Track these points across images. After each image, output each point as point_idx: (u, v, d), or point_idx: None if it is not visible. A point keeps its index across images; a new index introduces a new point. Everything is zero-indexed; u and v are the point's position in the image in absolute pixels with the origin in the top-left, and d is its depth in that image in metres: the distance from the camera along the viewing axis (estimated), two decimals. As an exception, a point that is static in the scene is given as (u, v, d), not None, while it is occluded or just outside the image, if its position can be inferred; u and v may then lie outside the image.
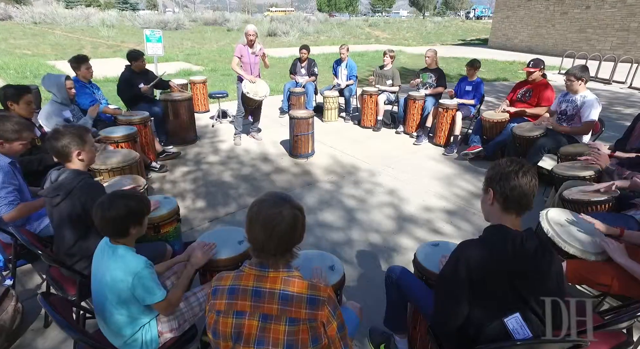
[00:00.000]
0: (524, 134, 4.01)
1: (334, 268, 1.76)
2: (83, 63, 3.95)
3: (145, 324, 1.55)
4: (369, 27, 31.30)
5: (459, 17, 51.64)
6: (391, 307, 1.93)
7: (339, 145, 5.39)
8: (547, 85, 4.55)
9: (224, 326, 1.14)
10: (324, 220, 3.43)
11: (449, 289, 1.43)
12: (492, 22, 23.39)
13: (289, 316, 1.12)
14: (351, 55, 7.64)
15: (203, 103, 6.85)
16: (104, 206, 1.50)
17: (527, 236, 1.36)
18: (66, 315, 1.40)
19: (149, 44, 6.23)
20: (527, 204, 1.40)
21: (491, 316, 1.36)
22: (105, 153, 3.11)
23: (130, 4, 43.09)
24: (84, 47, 14.11)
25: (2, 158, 2.20)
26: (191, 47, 16.45)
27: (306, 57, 6.70)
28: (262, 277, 1.15)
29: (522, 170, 1.36)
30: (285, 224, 1.13)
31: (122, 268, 1.45)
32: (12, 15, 23.01)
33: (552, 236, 2.09)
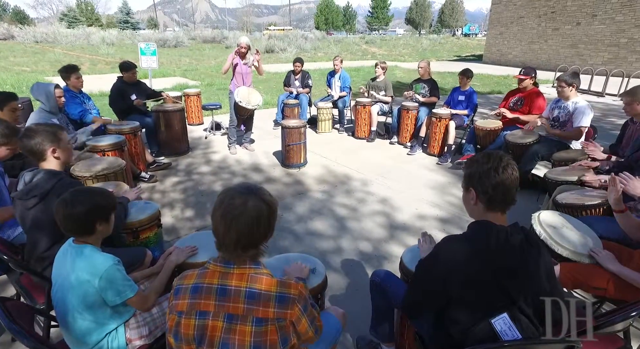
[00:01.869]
0: (517, 141, 3.97)
1: (315, 271, 1.67)
2: (73, 72, 3.95)
3: (112, 331, 1.46)
4: (366, 43, 31.81)
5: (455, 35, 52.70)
6: (377, 313, 1.84)
7: (332, 155, 5.34)
8: (539, 93, 4.55)
9: (186, 328, 1.05)
10: (314, 228, 3.35)
11: (422, 278, 1.40)
12: (486, 39, 23.83)
13: (256, 316, 1.03)
14: (347, 70, 7.69)
15: (197, 116, 6.84)
16: (67, 201, 1.42)
17: (512, 230, 1.29)
18: (23, 322, 1.31)
19: (143, 57, 6.27)
20: (512, 199, 1.34)
21: (478, 317, 1.28)
22: (90, 160, 3.05)
23: (132, 23, 43.96)
24: (83, 64, 14.25)
25: None
26: (189, 64, 16.65)
27: (300, 70, 6.74)
28: (227, 274, 1.07)
29: (501, 166, 1.29)
30: (247, 217, 1.04)
31: (87, 269, 1.36)
32: (14, 35, 23.33)
33: (545, 239, 2.02)
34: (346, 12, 66.30)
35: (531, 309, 1.27)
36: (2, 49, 18.28)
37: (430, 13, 68.48)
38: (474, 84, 12.80)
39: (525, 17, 20.21)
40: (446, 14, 64.98)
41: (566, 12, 17.85)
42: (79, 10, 46.79)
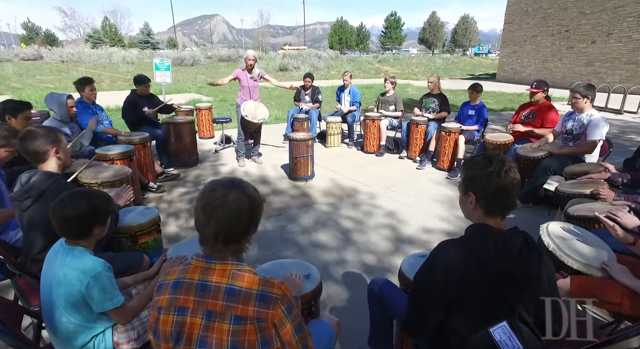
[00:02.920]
0: (528, 155, 3.88)
1: (309, 277, 1.62)
2: (87, 85, 4.07)
3: (99, 334, 1.42)
4: (379, 62, 32.20)
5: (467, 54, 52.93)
6: (375, 324, 1.76)
7: (340, 169, 5.32)
8: (551, 107, 4.46)
9: (164, 324, 1.01)
10: (318, 240, 3.29)
11: (421, 290, 1.30)
12: (499, 57, 23.86)
13: (234, 314, 0.99)
14: (359, 87, 7.76)
15: (208, 129, 6.94)
16: (64, 203, 1.42)
17: (511, 234, 1.22)
18: (8, 320, 1.29)
19: (157, 72, 6.45)
20: (513, 204, 1.28)
21: (475, 326, 1.20)
22: (98, 168, 3.10)
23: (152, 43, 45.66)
24: (103, 81, 14.81)
25: None
26: (204, 81, 17.09)
27: (310, 85, 6.82)
28: (208, 270, 1.04)
29: (503, 170, 1.22)
30: (227, 209, 1.01)
31: (76, 268, 1.35)
32: (43, 56, 24.53)
33: (554, 250, 1.92)
34: (360, 32, 67.49)
35: (532, 318, 1.19)
36: (31, 68, 19.21)
37: (444, 33, 69.18)
38: (487, 101, 12.76)
39: (539, 36, 20.21)
40: (459, 34, 65.47)
41: (580, 31, 17.78)
42: (104, 31, 49.00)
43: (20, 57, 23.73)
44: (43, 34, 54.33)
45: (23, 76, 16.82)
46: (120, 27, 54.54)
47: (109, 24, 51.42)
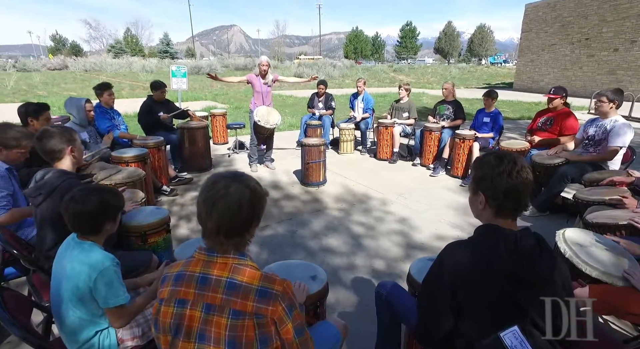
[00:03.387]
0: (544, 162, 3.77)
1: (315, 278, 1.60)
2: (106, 90, 4.18)
3: (104, 330, 1.42)
4: (393, 71, 32.19)
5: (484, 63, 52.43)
6: (382, 329, 1.71)
7: (352, 175, 5.28)
8: (570, 113, 4.34)
9: (164, 316, 1.00)
10: (328, 244, 3.26)
11: (431, 295, 1.25)
12: (517, 66, 23.55)
13: (233, 308, 0.97)
14: (374, 96, 7.74)
15: (222, 135, 7.03)
16: (77, 199, 1.45)
17: (522, 235, 1.17)
18: (18, 313, 1.31)
19: (174, 79, 6.59)
20: (524, 205, 1.23)
21: (485, 330, 1.15)
22: (112, 169, 3.15)
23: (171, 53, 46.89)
24: (123, 89, 15.24)
25: (0, 164, 2.25)
26: (220, 89, 17.38)
27: (323, 92, 6.85)
28: (210, 263, 1.03)
29: (515, 169, 1.17)
30: (228, 201, 1.00)
31: (84, 262, 1.36)
32: (68, 65, 25.51)
33: (571, 257, 1.85)
34: (375, 42, 67.79)
35: (545, 321, 1.13)
36: (56, 77, 19.95)
37: (460, 42, 68.84)
38: (504, 110, 12.56)
39: (558, 45, 19.89)
40: (475, 43, 65.01)
41: (602, 39, 17.41)
42: (125, 42, 50.66)
43: (47, 67, 24.73)
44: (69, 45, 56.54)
45: (49, 84, 17.42)
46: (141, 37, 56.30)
47: (130, 35, 53.16)
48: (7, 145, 2.22)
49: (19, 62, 25.26)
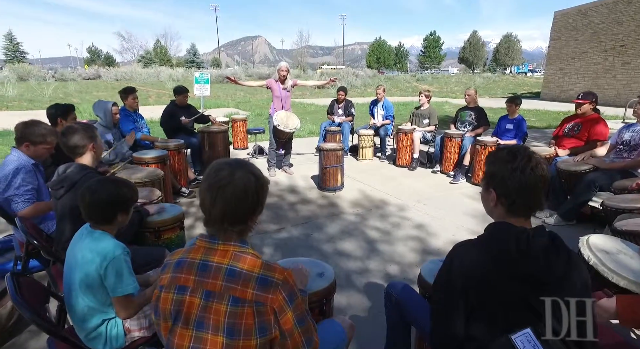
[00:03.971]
0: (570, 169, 3.61)
1: (323, 275, 1.57)
2: (130, 94, 4.34)
3: (112, 319, 1.44)
4: (416, 81, 31.98)
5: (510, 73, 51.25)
6: (392, 332, 1.65)
7: (370, 181, 5.23)
8: (599, 119, 4.15)
9: (164, 303, 1.00)
10: (343, 248, 3.22)
11: (442, 298, 1.19)
12: (544, 75, 22.94)
13: (233, 295, 0.96)
14: (395, 104, 7.69)
15: (242, 141, 7.13)
16: (92, 189, 1.49)
17: (535, 232, 1.11)
18: (32, 299, 1.34)
19: (197, 85, 6.77)
20: (538, 204, 1.16)
21: (496, 333, 1.09)
22: (133, 169, 3.25)
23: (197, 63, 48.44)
24: (150, 96, 15.81)
25: (27, 159, 2.35)
26: (243, 97, 17.75)
27: (343, 98, 6.86)
28: (211, 250, 1.02)
29: (529, 166, 1.11)
30: (234, 188, 1.00)
31: (94, 249, 1.39)
32: (100, 75, 26.82)
33: (595, 264, 1.74)
34: (398, 52, 67.68)
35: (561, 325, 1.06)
36: (89, 86, 20.98)
37: (485, 52, 67.78)
38: (530, 119, 12.20)
39: (589, 52, 19.25)
40: (501, 53, 63.85)
41: (638, 45, 16.70)
42: (155, 53, 52.72)
43: (82, 76, 26.05)
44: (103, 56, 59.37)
45: (82, 93, 18.29)
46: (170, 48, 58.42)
47: (159, 46, 55.28)
48: (34, 141, 2.32)
49: (57, 72, 26.73)
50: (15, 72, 23.25)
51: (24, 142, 2.37)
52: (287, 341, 1.01)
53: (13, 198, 2.27)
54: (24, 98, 15.29)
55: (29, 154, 2.34)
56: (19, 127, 2.42)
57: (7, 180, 2.25)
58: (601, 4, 18.41)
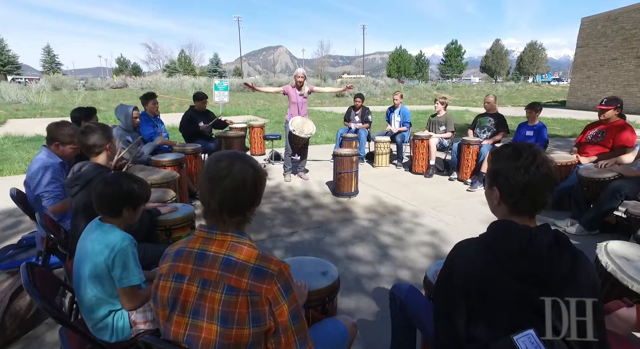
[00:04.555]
0: (593, 176, 3.47)
1: (326, 274, 1.56)
2: (150, 99, 4.49)
3: (118, 310, 1.48)
4: (437, 90, 31.70)
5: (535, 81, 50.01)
6: (396, 334, 1.62)
7: (385, 187, 5.19)
8: (626, 125, 3.98)
9: (163, 291, 1.02)
10: (354, 253, 3.20)
11: (444, 298, 1.16)
12: (570, 83, 22.31)
13: (228, 284, 0.97)
14: (415, 113, 7.65)
15: (259, 147, 7.23)
16: (105, 181, 1.54)
17: (539, 231, 1.07)
18: (45, 288, 1.39)
19: (216, 92, 6.94)
20: (543, 203, 1.12)
21: (498, 334, 1.05)
22: (150, 171, 3.34)
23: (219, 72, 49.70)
24: (172, 104, 16.27)
25: (56, 158, 2.47)
26: (263, 104, 18.03)
27: (360, 105, 6.87)
28: (209, 240, 1.04)
29: (534, 165, 1.07)
30: (232, 179, 1.01)
31: (103, 241, 1.43)
32: (127, 84, 27.93)
33: (613, 271, 1.67)
34: (419, 61, 67.39)
35: (567, 327, 1.02)
36: (116, 94, 21.88)
37: (508, 61, 66.62)
38: (554, 128, 11.86)
39: (620, 59, 18.62)
40: (525, 61, 62.57)
41: (670, 52, 16.07)
42: (179, 62, 54.49)
43: (110, 85, 27.21)
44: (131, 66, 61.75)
45: (110, 101, 19.05)
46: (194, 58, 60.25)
47: (184, 56, 57.11)
48: (63, 141, 2.45)
49: (87, 82, 28.02)
50: (50, 82, 24.51)
51: (54, 142, 2.50)
52: (281, 338, 1.01)
53: (44, 195, 2.39)
54: (56, 106, 16.04)
55: (57, 153, 2.46)
56: (50, 128, 2.55)
57: (38, 179, 2.38)
58: (633, 9, 17.83)
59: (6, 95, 18.10)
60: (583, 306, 1.06)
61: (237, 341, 0.96)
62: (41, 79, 27.24)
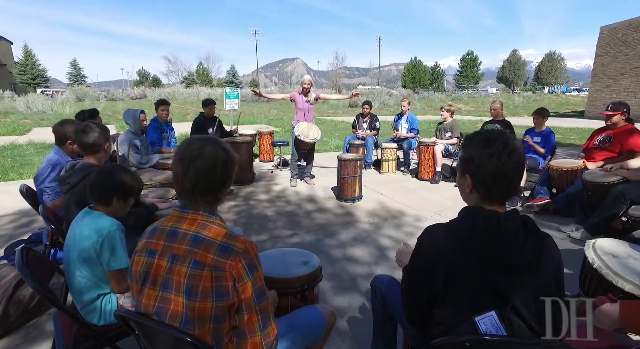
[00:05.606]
0: (596, 180, 3.40)
1: (307, 263, 1.60)
2: (160, 105, 4.68)
3: (106, 295, 1.54)
4: (452, 100, 31.50)
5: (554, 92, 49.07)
6: (377, 326, 1.63)
7: (390, 193, 5.20)
8: (634, 130, 3.89)
9: (136, 265, 1.09)
10: (352, 254, 3.21)
11: (411, 279, 1.19)
12: (589, 93, 21.84)
13: (194, 258, 1.02)
14: (427, 122, 7.64)
15: (268, 153, 7.34)
16: (101, 170, 1.62)
17: (506, 215, 1.09)
18: (38, 271, 1.46)
19: (227, 100, 7.11)
20: (514, 189, 1.14)
21: (462, 316, 1.07)
22: (155, 172, 3.46)
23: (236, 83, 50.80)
24: (188, 114, 16.70)
25: (65, 157, 2.59)
26: (276, 114, 18.30)
27: (368, 112, 6.92)
28: (181, 218, 1.10)
29: (506, 152, 1.08)
30: (204, 160, 1.07)
31: (91, 226, 1.50)
32: (146, 95, 28.85)
33: (599, 268, 1.65)
34: (434, 72, 67.21)
35: (530, 311, 1.03)
36: (135, 104, 22.61)
37: (526, 71, 65.76)
38: (570, 137, 11.60)
39: (640, 68, 18.18)
40: (543, 72, 61.62)
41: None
42: (197, 74, 55.97)
43: (130, 96, 28.13)
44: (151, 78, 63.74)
45: (128, 110, 19.73)
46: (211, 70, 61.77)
47: (202, 68, 58.63)
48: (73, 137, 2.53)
49: (108, 93, 29.08)
50: (74, 94, 25.55)
51: (67, 140, 2.61)
52: (244, 315, 1.05)
53: (45, 190, 2.52)
54: (78, 116, 16.65)
55: (68, 151, 2.58)
56: (56, 128, 2.67)
57: (45, 174, 2.51)
58: (654, 17, 17.49)
59: (33, 106, 18.96)
60: (547, 289, 1.07)
61: (201, 314, 1.01)
62: (66, 91, 28.43)
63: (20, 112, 18.43)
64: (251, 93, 24.95)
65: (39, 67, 47.20)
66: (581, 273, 1.83)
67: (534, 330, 1.03)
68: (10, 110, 19.11)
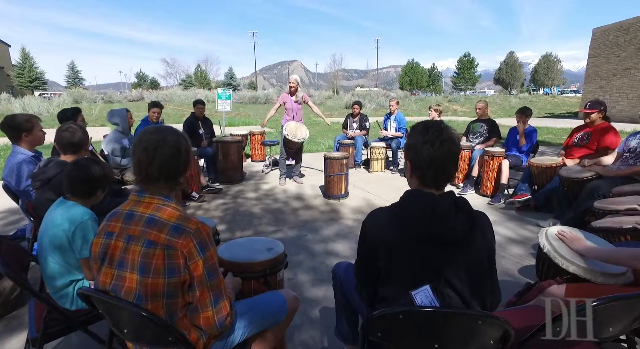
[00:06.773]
0: (572, 176, 3.50)
1: (271, 250, 1.67)
2: (152, 107, 4.80)
3: (79, 281, 1.61)
4: (448, 102, 31.62)
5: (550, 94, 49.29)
6: (339, 312, 1.71)
7: (377, 191, 5.28)
8: (610, 128, 4.01)
9: (95, 246, 1.16)
10: (333, 249, 3.29)
11: (360, 263, 1.31)
12: (583, 94, 21.98)
13: (148, 238, 1.10)
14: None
15: (260, 153, 7.42)
16: (81, 165, 1.66)
17: (440, 196, 1.17)
18: (8, 257, 1.52)
19: (219, 101, 7.20)
20: (448, 176, 1.21)
21: (402, 292, 1.15)
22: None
23: (233, 85, 50.90)
24: (185, 115, 16.76)
25: (27, 151, 2.59)
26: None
27: (358, 112, 7.01)
28: (138, 202, 1.17)
29: (439, 140, 1.15)
30: (169, 147, 1.15)
31: (64, 215, 1.57)
32: (144, 97, 28.91)
33: (548, 252, 1.74)
34: (431, 73, 67.39)
35: (463, 284, 1.11)
36: (132, 106, 22.60)
37: (522, 73, 65.93)
38: (563, 137, 11.70)
39: (633, 69, 18.30)
40: (540, 73, 61.82)
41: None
42: (195, 77, 56.07)
43: (127, 98, 28.17)
44: (149, 81, 63.79)
45: (125, 112, 19.78)
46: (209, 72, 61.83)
47: (200, 70, 58.73)
48: (27, 127, 2.53)
49: (106, 95, 29.13)
50: (71, 96, 25.57)
51: (22, 132, 2.53)
52: (196, 291, 1.12)
53: (29, 189, 2.57)
54: (74, 118, 16.69)
55: (27, 146, 2.56)
56: (3, 125, 2.53)
57: (15, 175, 2.49)
58: (645, 18, 17.65)
59: (29, 108, 19.03)
60: (479, 264, 1.15)
61: (154, 290, 1.09)
62: (63, 93, 28.46)
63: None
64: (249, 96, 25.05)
65: (37, 70, 47.21)
66: (537, 260, 1.91)
67: (467, 302, 1.12)
68: (7, 112, 19.16)
